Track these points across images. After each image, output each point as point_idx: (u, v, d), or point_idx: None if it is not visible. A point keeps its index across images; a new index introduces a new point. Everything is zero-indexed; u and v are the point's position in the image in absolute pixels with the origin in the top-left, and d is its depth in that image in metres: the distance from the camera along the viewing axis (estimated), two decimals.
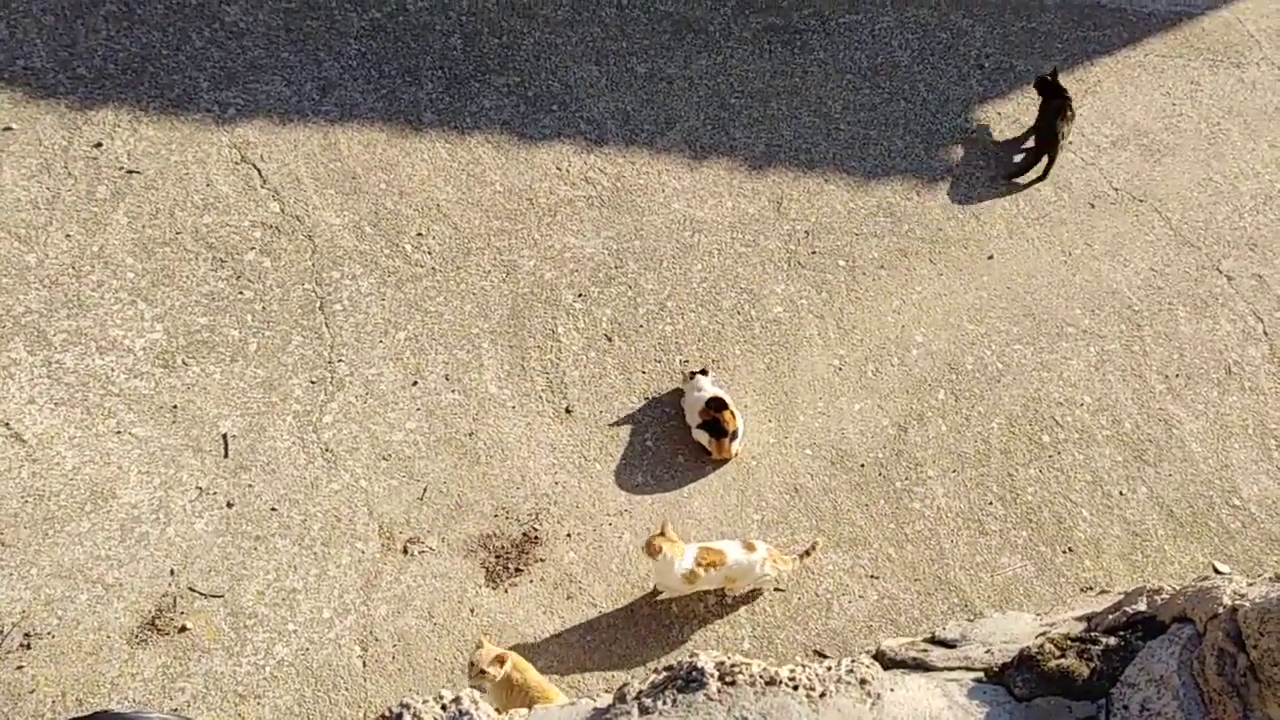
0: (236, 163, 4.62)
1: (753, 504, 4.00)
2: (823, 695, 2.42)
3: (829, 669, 2.48)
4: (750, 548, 3.61)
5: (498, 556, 3.76)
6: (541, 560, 3.76)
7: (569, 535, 3.84)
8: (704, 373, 4.12)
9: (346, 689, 3.41)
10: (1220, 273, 5.01)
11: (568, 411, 4.14)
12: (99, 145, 4.53)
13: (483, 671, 3.09)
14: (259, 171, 4.61)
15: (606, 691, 3.47)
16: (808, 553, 3.73)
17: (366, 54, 5.08)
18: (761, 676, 2.44)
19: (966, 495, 4.11)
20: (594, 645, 3.59)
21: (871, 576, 3.86)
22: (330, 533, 3.71)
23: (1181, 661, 2.36)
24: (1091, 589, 3.89)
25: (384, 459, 3.91)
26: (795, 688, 2.43)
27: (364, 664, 3.46)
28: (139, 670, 3.36)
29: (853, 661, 2.51)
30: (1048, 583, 3.91)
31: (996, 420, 4.35)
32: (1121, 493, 4.19)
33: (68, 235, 4.26)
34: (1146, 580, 3.90)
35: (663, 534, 3.49)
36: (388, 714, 2.30)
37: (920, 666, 2.73)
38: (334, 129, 4.81)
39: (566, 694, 3.41)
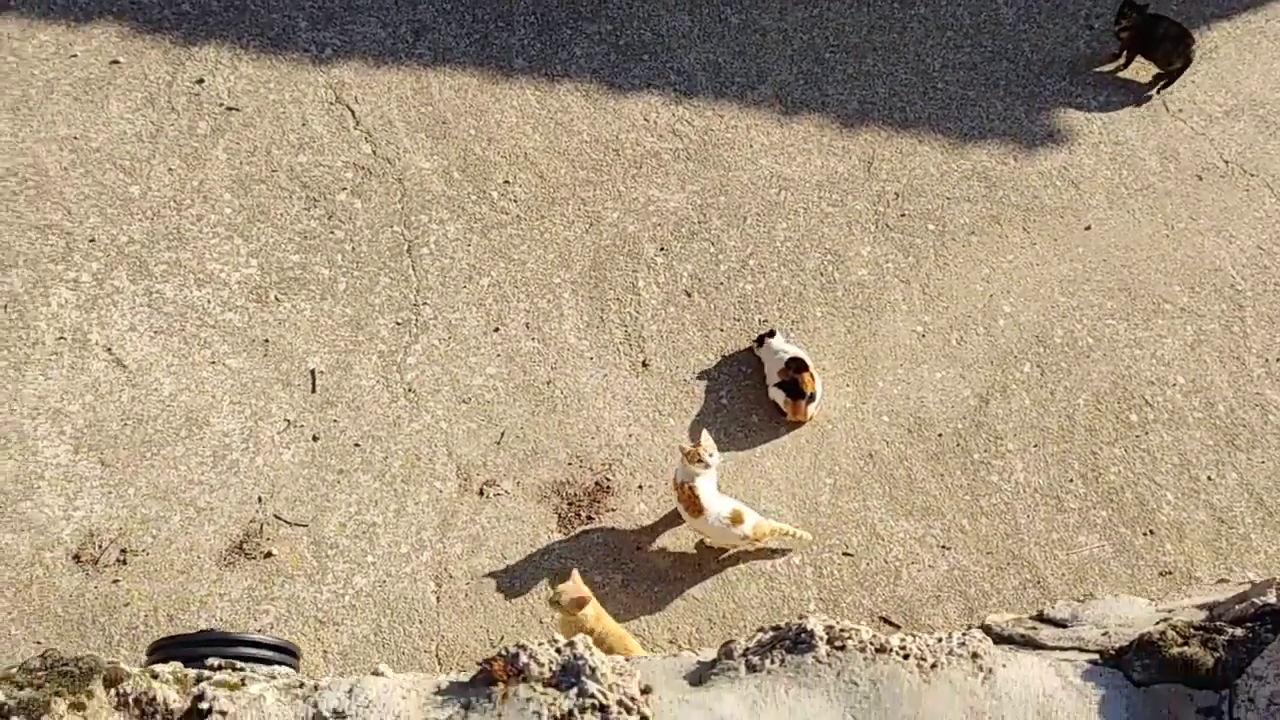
0: (331, 103, 4.69)
1: (825, 468, 3.99)
2: (934, 666, 2.41)
3: (939, 640, 2.47)
4: (738, 520, 3.55)
5: (570, 504, 3.82)
6: (612, 510, 3.82)
7: (640, 488, 3.88)
8: (771, 334, 4.09)
9: (420, 622, 3.52)
10: None
11: (644, 365, 4.16)
12: (201, 81, 4.65)
13: (560, 605, 3.16)
14: (352, 113, 4.68)
15: (671, 642, 3.53)
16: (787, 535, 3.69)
17: None
18: (872, 643, 2.44)
19: (1046, 471, 4.03)
20: (660, 597, 3.64)
21: (943, 547, 3.83)
22: (410, 470, 3.82)
23: None
24: (1170, 573, 3.80)
25: (464, 402, 3.99)
26: (906, 656, 2.42)
27: (438, 599, 3.57)
28: (226, 591, 3.52)
29: (964, 634, 2.49)
30: (1125, 565, 3.83)
31: (1083, 396, 4.23)
32: (1210, 477, 4.06)
33: (170, 169, 4.39)
34: (1230, 568, 3.80)
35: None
36: (504, 653, 2.37)
37: (1030, 644, 2.69)
38: (426, 72, 4.85)
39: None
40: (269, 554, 3.59)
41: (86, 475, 3.68)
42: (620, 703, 2.30)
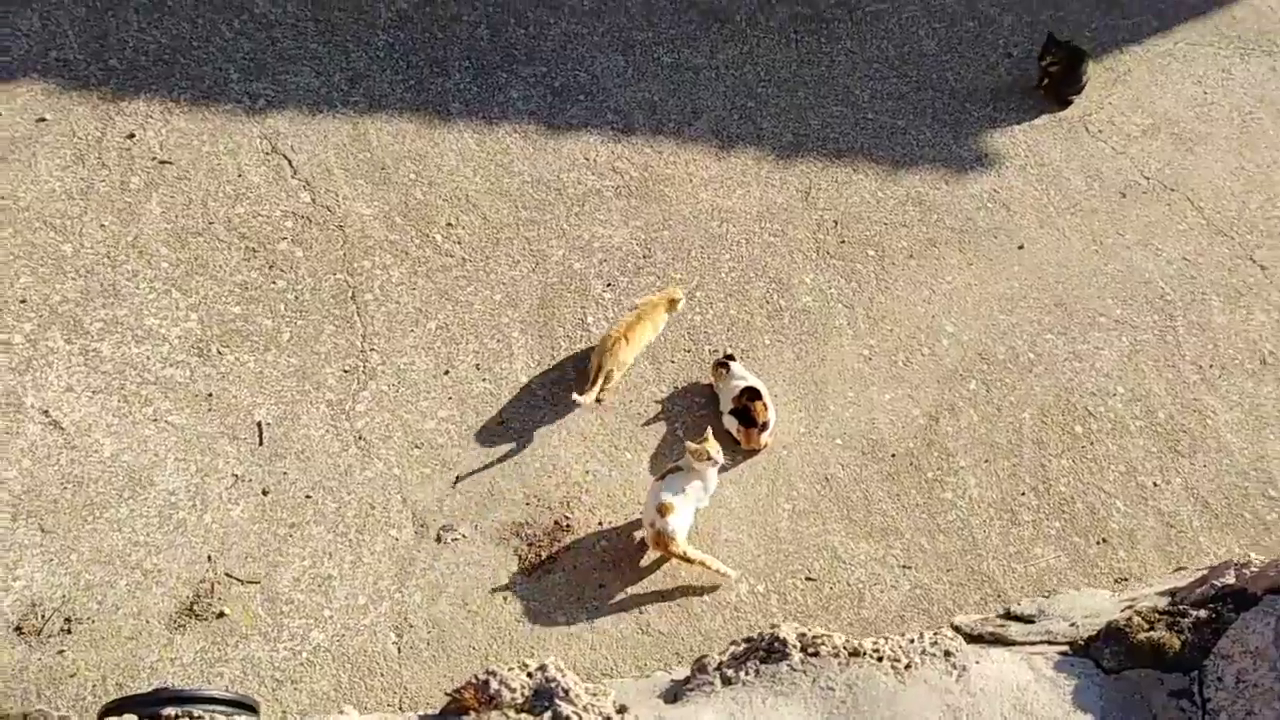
0: (267, 153, 4.64)
1: (783, 493, 4.00)
2: (908, 667, 2.45)
3: (911, 641, 2.51)
4: (664, 510, 3.57)
5: (530, 545, 3.77)
6: (574, 549, 3.78)
7: (600, 524, 3.85)
8: (730, 358, 4.12)
9: (382, 674, 3.43)
10: (1254, 262, 4.96)
11: (598, 401, 4.15)
12: (132, 136, 4.57)
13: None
14: (289, 162, 4.64)
15: (638, 676, 3.49)
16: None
17: (394, 45, 5.10)
18: (845, 648, 2.47)
19: (999, 486, 4.10)
20: (626, 634, 3.60)
21: (904, 566, 3.85)
22: (364, 520, 3.74)
23: (1278, 632, 2.35)
24: (1125, 579, 3.87)
25: (416, 447, 3.93)
26: (880, 659, 2.45)
27: (399, 650, 3.49)
28: (178, 655, 3.39)
29: (935, 633, 2.53)
30: (1081, 574, 3.89)
31: (1029, 410, 4.33)
32: (1156, 484, 4.16)
33: (102, 225, 4.29)
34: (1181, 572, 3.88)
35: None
36: (475, 681, 2.34)
37: (1000, 641, 2.72)
38: (363, 120, 4.83)
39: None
40: (221, 614, 3.47)
41: (26, 543, 3.53)
42: None
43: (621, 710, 2.34)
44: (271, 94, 4.84)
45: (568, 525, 3.83)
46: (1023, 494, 4.09)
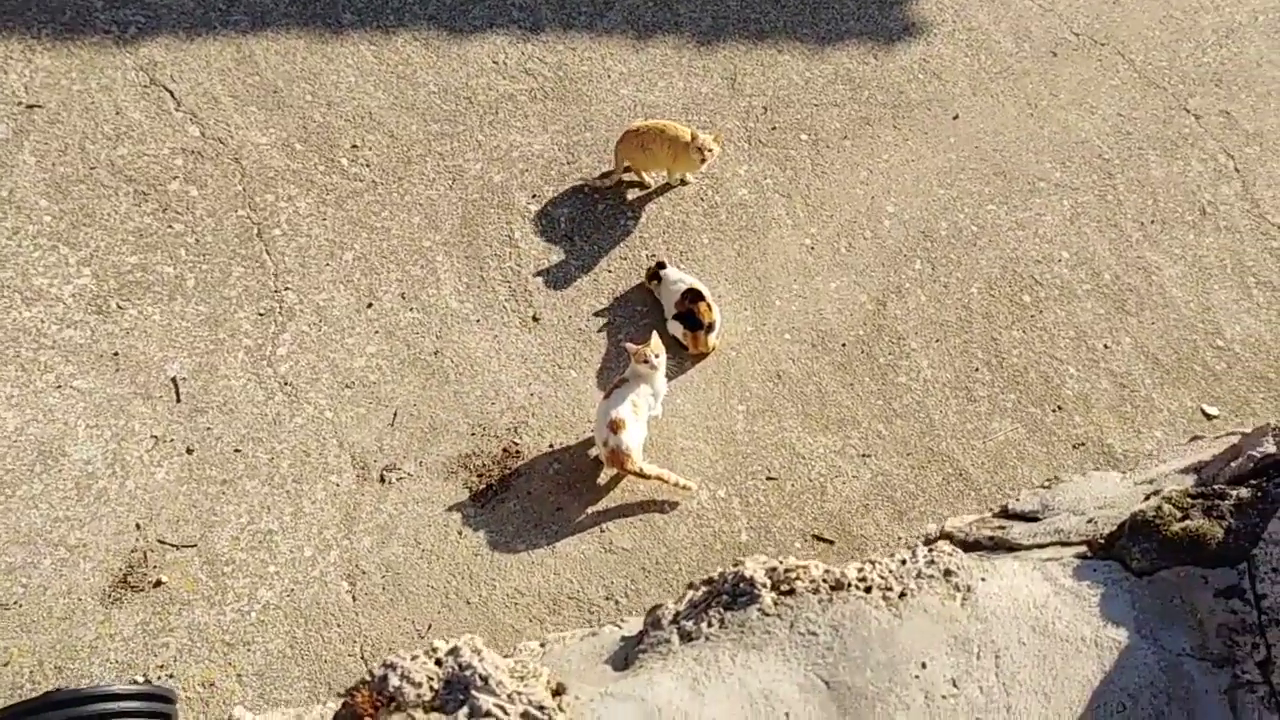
0: (145, 86, 4.25)
1: (736, 395, 3.87)
2: (902, 595, 2.06)
3: (903, 563, 2.10)
4: (617, 427, 3.44)
5: (479, 475, 3.61)
6: (525, 474, 3.62)
7: (550, 446, 3.69)
8: (663, 266, 3.93)
9: (339, 625, 3.28)
10: (1188, 112, 4.87)
11: (535, 319, 3.95)
12: None
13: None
14: (171, 94, 4.25)
15: (607, 599, 3.39)
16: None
17: None
18: (824, 580, 2.09)
19: (951, 364, 4.02)
20: (589, 554, 3.48)
21: (863, 455, 3.77)
22: (301, 469, 3.53)
23: None
24: (1084, 444, 3.85)
25: (347, 387, 3.71)
26: (868, 589, 2.07)
27: (353, 598, 3.33)
28: (117, 630, 3.19)
29: (931, 550, 2.12)
30: (1040, 443, 3.85)
31: (975, 285, 4.23)
32: (1106, 346, 4.12)
33: None
34: (1138, 430, 3.87)
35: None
36: (369, 679, 1.95)
37: (1003, 546, 2.37)
38: (247, 40, 4.44)
39: (572, 620, 3.33)
40: (158, 582, 3.27)
41: None
42: (525, 715, 1.87)
43: (559, 691, 1.94)
44: (142, 20, 4.41)
45: (517, 451, 3.67)
46: (976, 370, 4.01)
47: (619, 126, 4.42)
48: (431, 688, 1.91)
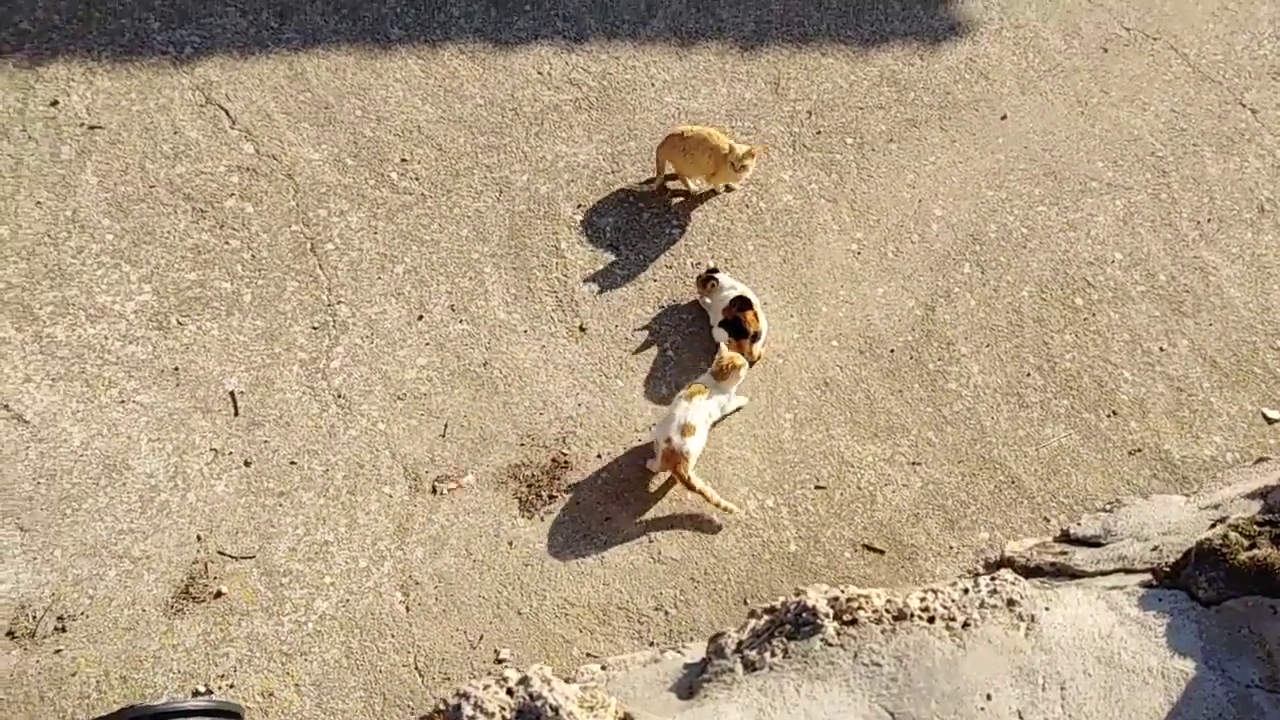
0: (201, 105, 4.35)
1: (783, 403, 3.87)
2: (966, 625, 2.05)
3: (966, 592, 2.09)
4: (687, 431, 3.48)
5: (529, 485, 3.65)
6: (575, 485, 3.65)
7: (599, 456, 3.72)
8: (715, 271, 3.94)
9: (392, 635, 3.34)
10: (1244, 106, 4.75)
11: (582, 329, 3.98)
12: (55, 103, 4.27)
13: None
14: (226, 112, 4.35)
15: (657, 609, 3.40)
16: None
17: None
18: (887, 610, 2.08)
19: (1003, 369, 3.97)
20: (638, 564, 3.50)
21: (913, 463, 3.75)
22: (355, 480, 3.60)
23: None
24: (1140, 450, 3.78)
25: (399, 399, 3.77)
26: (931, 620, 2.06)
27: (407, 609, 3.39)
28: (180, 640, 3.28)
29: (994, 580, 2.12)
30: (1094, 450, 3.79)
31: (1026, 288, 4.17)
32: (1162, 349, 4.04)
33: (38, 202, 4.04)
34: (1196, 436, 3.79)
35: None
36: (444, 707, 1.99)
37: (1065, 573, 2.35)
38: (298, 57, 4.53)
39: (622, 631, 3.35)
40: (219, 593, 3.36)
41: (6, 544, 3.39)
42: None
43: None
44: (198, 40, 4.52)
45: (565, 461, 3.70)
46: (1028, 375, 3.96)
47: (662, 134, 4.43)
48: (504, 717, 1.93)
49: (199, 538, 3.45)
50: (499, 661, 3.26)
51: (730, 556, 3.53)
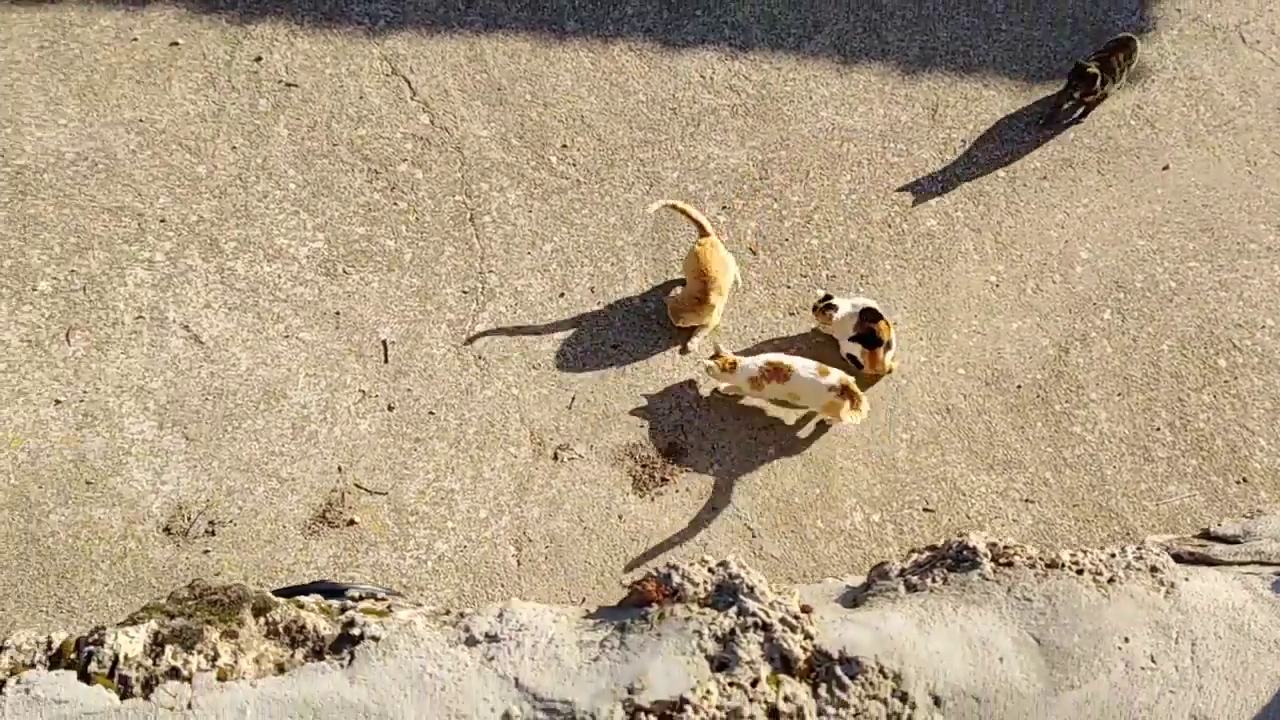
0: (387, 75, 4.68)
1: (901, 423, 3.92)
2: (1111, 580, 2.35)
3: (1112, 555, 2.41)
4: (825, 372, 3.68)
5: (643, 465, 3.81)
6: (687, 471, 3.80)
7: (713, 448, 3.86)
8: (830, 298, 3.95)
9: (502, 584, 3.55)
10: None
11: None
12: (259, 59, 4.66)
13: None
14: (409, 83, 4.67)
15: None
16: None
17: None
18: (1041, 559, 2.39)
19: (1132, 420, 3.92)
20: (740, 557, 3.61)
21: (1026, 500, 3.75)
22: (485, 437, 3.83)
23: None
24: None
25: (534, 368, 3.99)
26: (1080, 572, 2.37)
27: (518, 562, 3.59)
28: (312, 559, 3.57)
29: (1139, 548, 2.44)
30: (1218, 513, 3.71)
31: (1167, 342, 4.11)
32: None
33: (234, 147, 4.42)
34: None
35: (718, 354, 3.78)
36: (655, 573, 2.36)
37: (1203, 561, 2.62)
38: (479, 39, 4.81)
39: None
40: (352, 522, 3.64)
41: (172, 450, 3.75)
42: (784, 620, 2.26)
43: (806, 609, 2.30)
44: (390, 14, 4.86)
45: (681, 448, 3.85)
46: (1158, 429, 3.90)
47: (815, 147, 4.54)
48: (706, 589, 2.31)
49: (340, 469, 3.74)
50: None
51: (830, 563, 3.62)
